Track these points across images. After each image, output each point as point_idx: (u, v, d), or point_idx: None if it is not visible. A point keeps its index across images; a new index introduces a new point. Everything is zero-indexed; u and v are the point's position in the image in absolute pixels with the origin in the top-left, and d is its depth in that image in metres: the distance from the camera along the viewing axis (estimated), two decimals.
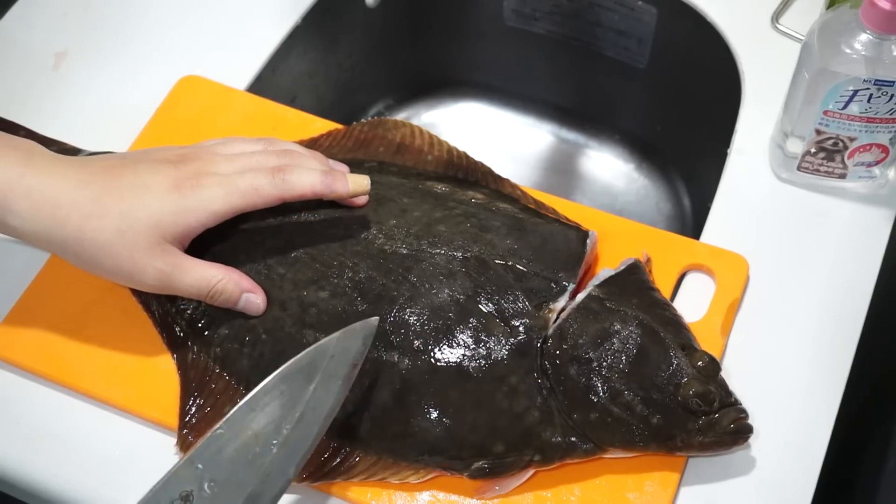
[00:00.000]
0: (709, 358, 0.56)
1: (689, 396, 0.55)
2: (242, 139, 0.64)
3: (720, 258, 0.65)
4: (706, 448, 0.56)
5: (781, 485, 0.58)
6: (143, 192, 0.57)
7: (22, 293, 0.65)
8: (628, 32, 0.88)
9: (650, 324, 0.57)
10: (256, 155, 0.61)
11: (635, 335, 0.57)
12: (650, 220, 0.93)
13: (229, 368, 0.60)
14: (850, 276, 0.65)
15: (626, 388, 0.55)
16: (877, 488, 0.70)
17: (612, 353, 0.56)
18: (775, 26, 0.78)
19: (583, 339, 0.57)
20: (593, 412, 0.55)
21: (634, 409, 0.55)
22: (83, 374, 0.62)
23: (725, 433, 0.55)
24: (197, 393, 0.60)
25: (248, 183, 0.58)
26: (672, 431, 0.55)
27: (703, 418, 0.55)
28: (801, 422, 0.60)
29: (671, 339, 0.57)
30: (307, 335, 0.59)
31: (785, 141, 0.68)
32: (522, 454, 0.55)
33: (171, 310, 0.62)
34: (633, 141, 0.97)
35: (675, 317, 0.59)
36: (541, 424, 0.56)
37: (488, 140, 0.99)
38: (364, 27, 0.92)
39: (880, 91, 0.61)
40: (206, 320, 0.61)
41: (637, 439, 0.55)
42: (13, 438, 0.61)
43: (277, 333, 0.60)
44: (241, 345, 0.60)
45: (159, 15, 0.82)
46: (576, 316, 0.58)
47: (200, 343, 0.61)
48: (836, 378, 0.61)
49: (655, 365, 0.56)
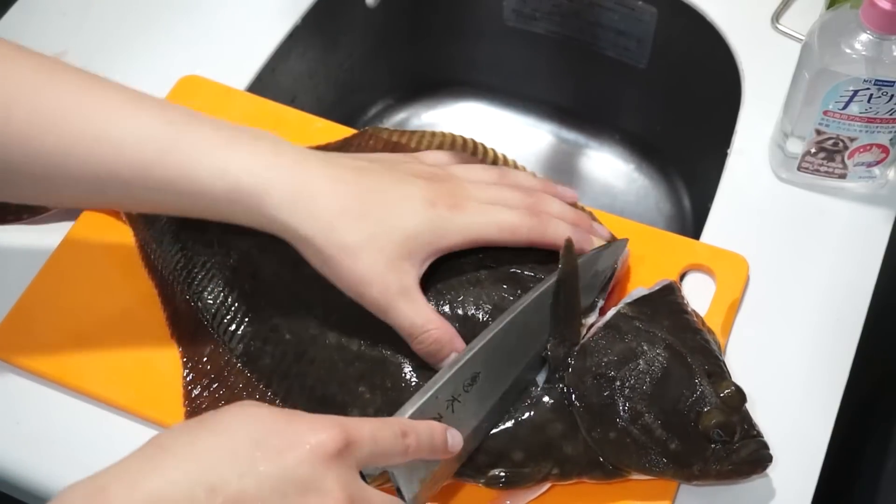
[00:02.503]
0: (735, 388, 0.55)
1: (710, 426, 0.53)
2: (480, 167, 0.63)
3: (720, 258, 0.65)
4: (723, 477, 0.54)
5: (781, 485, 0.58)
6: (401, 202, 0.56)
7: (22, 293, 0.65)
8: (628, 32, 0.88)
9: (678, 348, 0.56)
10: (504, 190, 0.60)
11: (662, 358, 0.56)
12: (650, 220, 0.93)
13: (251, 366, 0.60)
14: (850, 275, 0.65)
15: (648, 410, 0.54)
16: (877, 488, 0.70)
17: (636, 374, 0.55)
18: (775, 26, 0.78)
19: (608, 357, 0.56)
20: (612, 431, 0.54)
21: (654, 432, 0.54)
22: (83, 373, 0.62)
23: (744, 463, 0.54)
24: (210, 381, 0.60)
25: (507, 219, 0.58)
26: (690, 459, 0.54)
27: (722, 447, 0.54)
28: (801, 421, 0.60)
29: (698, 365, 0.56)
30: (330, 337, 0.59)
31: (785, 141, 0.68)
32: (541, 465, 0.55)
33: (198, 303, 0.62)
34: (633, 141, 0.97)
35: (706, 342, 0.58)
36: (563, 438, 0.55)
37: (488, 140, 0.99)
38: (364, 27, 0.92)
39: (880, 91, 0.61)
40: (231, 316, 0.62)
41: (654, 463, 0.54)
42: (13, 438, 0.61)
43: (301, 334, 0.60)
44: (264, 343, 0.60)
45: (159, 15, 0.82)
46: (604, 333, 0.57)
47: (224, 339, 0.61)
48: (836, 378, 0.61)
49: (679, 390, 0.55)
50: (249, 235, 0.61)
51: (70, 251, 0.67)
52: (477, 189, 0.59)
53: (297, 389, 0.59)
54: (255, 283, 0.62)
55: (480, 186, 0.60)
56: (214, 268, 0.63)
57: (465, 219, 0.57)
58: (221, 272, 0.63)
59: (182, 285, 0.63)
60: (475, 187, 0.60)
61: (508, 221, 0.58)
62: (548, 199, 0.62)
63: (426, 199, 0.56)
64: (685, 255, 0.65)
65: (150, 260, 0.65)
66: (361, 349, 0.59)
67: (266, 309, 0.61)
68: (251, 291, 0.62)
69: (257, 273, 0.63)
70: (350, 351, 0.59)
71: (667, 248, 0.66)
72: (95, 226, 0.68)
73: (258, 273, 0.63)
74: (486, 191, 0.60)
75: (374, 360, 0.58)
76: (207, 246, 0.64)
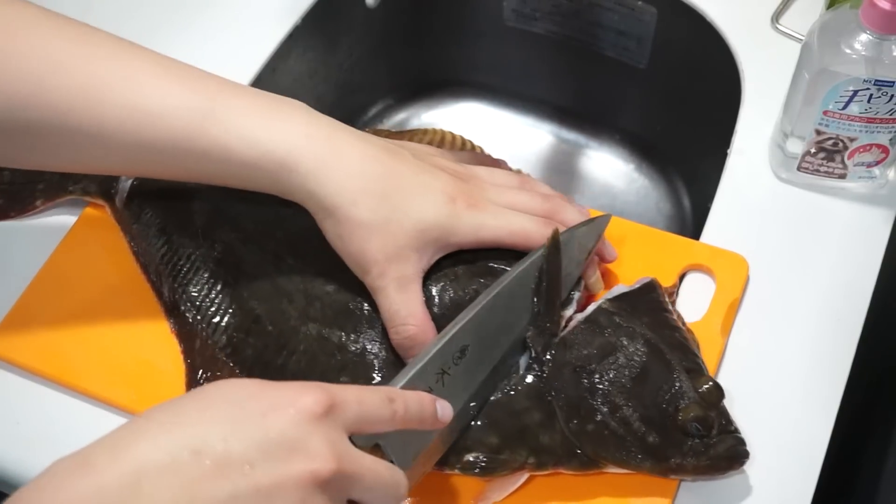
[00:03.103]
0: (713, 384, 0.55)
1: (688, 420, 0.54)
2: (503, 172, 0.64)
3: (720, 258, 0.65)
4: (700, 472, 0.55)
5: (781, 485, 0.58)
6: (423, 193, 0.56)
7: (22, 292, 0.65)
8: (628, 32, 0.88)
9: (657, 343, 0.57)
10: (522, 194, 0.61)
11: (641, 352, 0.56)
12: (650, 220, 0.93)
13: (234, 357, 0.60)
14: (850, 276, 0.65)
15: (626, 403, 0.55)
16: (877, 488, 0.70)
17: (615, 368, 0.56)
18: (775, 26, 0.78)
19: (588, 350, 0.57)
20: (590, 423, 0.55)
21: (631, 425, 0.55)
22: (83, 373, 0.62)
23: (721, 458, 0.54)
24: (202, 380, 0.60)
25: (521, 224, 0.58)
26: (667, 452, 0.54)
27: (699, 442, 0.54)
28: (801, 422, 0.60)
29: (677, 361, 0.56)
30: (310, 328, 0.60)
31: (785, 141, 0.68)
32: (517, 453, 0.55)
33: (182, 295, 0.63)
34: (633, 141, 0.97)
35: (685, 340, 0.58)
36: (540, 427, 0.56)
37: (488, 140, 0.99)
38: (364, 27, 0.92)
39: (880, 91, 0.61)
40: (214, 308, 0.62)
41: (631, 456, 0.55)
42: (13, 438, 0.61)
43: (282, 326, 0.60)
44: (246, 335, 0.61)
45: (159, 15, 0.81)
46: (584, 327, 0.58)
47: (208, 331, 0.61)
48: (836, 378, 0.61)
49: (658, 384, 0.55)
50: (233, 227, 0.61)
51: (70, 251, 0.67)
52: (496, 192, 0.60)
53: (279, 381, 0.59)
54: (238, 275, 0.63)
55: (501, 190, 0.60)
56: (199, 260, 0.64)
57: (479, 219, 0.57)
58: (206, 264, 0.63)
59: (168, 278, 0.64)
60: (495, 190, 0.60)
61: (522, 227, 0.59)
62: (565, 206, 0.62)
63: (447, 194, 0.57)
64: (685, 255, 0.65)
65: (137, 254, 0.66)
66: (343, 341, 0.59)
67: (249, 301, 0.62)
68: (234, 283, 0.63)
69: (241, 265, 0.63)
70: (331, 343, 0.59)
71: (667, 248, 0.66)
72: (95, 225, 0.68)
73: (241, 265, 0.63)
74: (505, 194, 0.60)
75: (355, 352, 0.59)
76: (192, 238, 0.64)
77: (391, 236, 0.55)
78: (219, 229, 0.63)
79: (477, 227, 0.58)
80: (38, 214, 0.69)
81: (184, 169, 0.56)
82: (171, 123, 0.54)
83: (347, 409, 0.45)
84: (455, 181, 0.58)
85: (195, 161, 0.55)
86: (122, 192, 0.67)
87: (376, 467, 0.45)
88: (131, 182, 0.67)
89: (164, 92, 0.54)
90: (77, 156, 0.56)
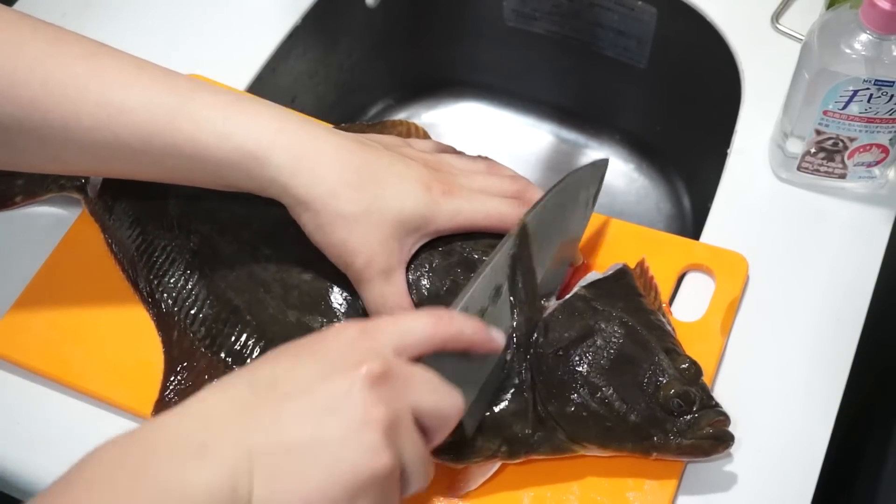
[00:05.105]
0: (691, 362, 0.56)
1: (669, 396, 0.54)
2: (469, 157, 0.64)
3: (720, 258, 0.65)
4: (684, 451, 0.55)
5: (781, 485, 0.58)
6: (400, 182, 0.57)
7: (21, 292, 0.65)
8: (628, 32, 0.88)
9: (634, 325, 0.57)
10: (492, 178, 0.62)
11: (619, 334, 0.57)
12: (650, 221, 0.93)
13: (213, 349, 0.60)
14: (850, 276, 0.65)
15: (606, 384, 0.55)
16: (877, 488, 0.71)
17: (594, 350, 0.56)
18: (775, 26, 0.78)
19: (566, 333, 0.57)
20: (570, 405, 0.55)
21: (612, 405, 0.55)
22: (83, 373, 0.62)
23: (704, 437, 0.54)
24: (180, 370, 0.60)
25: (495, 207, 0.59)
26: (649, 430, 0.55)
27: (681, 419, 0.54)
28: (800, 422, 0.60)
29: (655, 341, 0.57)
30: (290, 316, 0.60)
31: (785, 141, 0.68)
32: (489, 441, 0.55)
33: (159, 287, 0.63)
34: (633, 141, 0.97)
35: (660, 322, 0.59)
36: (513, 416, 0.55)
37: (488, 140, 0.99)
38: (364, 27, 0.92)
39: (880, 91, 0.61)
40: (192, 300, 0.62)
41: (613, 436, 0.55)
42: (13, 438, 0.61)
43: (261, 315, 0.60)
44: (225, 325, 0.61)
45: (159, 15, 0.82)
46: (560, 312, 0.58)
47: (186, 322, 0.61)
48: (836, 378, 0.61)
49: (637, 364, 0.56)
50: (208, 218, 0.61)
51: (70, 250, 0.67)
52: (467, 177, 0.60)
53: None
54: (214, 266, 0.63)
55: (471, 175, 0.61)
56: (175, 251, 0.64)
57: (455, 204, 0.58)
58: (182, 255, 0.63)
59: (143, 270, 0.64)
60: (465, 175, 0.61)
61: (497, 209, 0.59)
62: (532, 187, 0.63)
63: (422, 183, 0.57)
64: (685, 255, 0.65)
65: (112, 247, 0.66)
66: (323, 326, 0.59)
67: (227, 291, 0.62)
68: (211, 274, 0.63)
69: (217, 255, 0.63)
70: (311, 330, 0.59)
71: (666, 248, 0.66)
72: (95, 225, 0.68)
73: (217, 255, 0.63)
74: (476, 179, 0.61)
75: None
76: (168, 230, 0.64)
77: (374, 227, 0.55)
78: (194, 220, 0.63)
79: (454, 213, 0.58)
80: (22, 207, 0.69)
81: (158, 168, 0.56)
82: (144, 118, 0.54)
83: (385, 327, 0.48)
84: (428, 170, 0.59)
85: (169, 158, 0.55)
86: (95, 185, 0.67)
87: (427, 374, 0.48)
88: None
89: (137, 90, 0.55)
90: (51, 154, 0.56)
